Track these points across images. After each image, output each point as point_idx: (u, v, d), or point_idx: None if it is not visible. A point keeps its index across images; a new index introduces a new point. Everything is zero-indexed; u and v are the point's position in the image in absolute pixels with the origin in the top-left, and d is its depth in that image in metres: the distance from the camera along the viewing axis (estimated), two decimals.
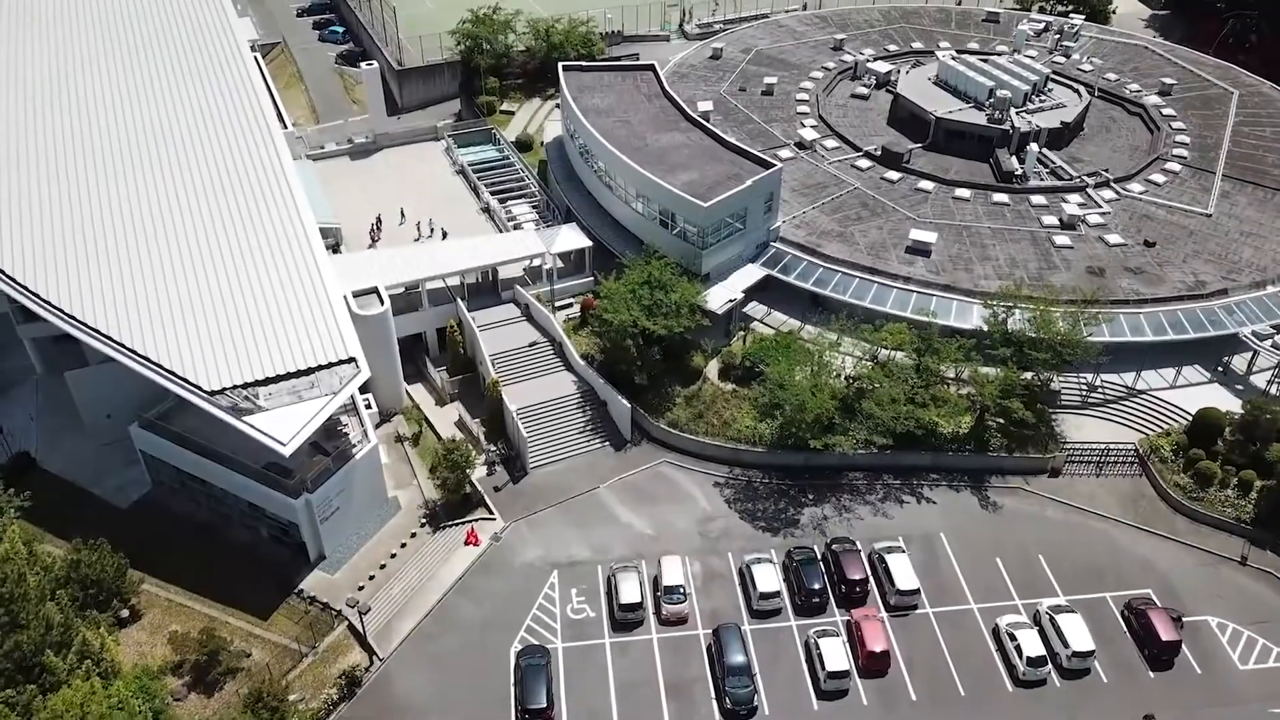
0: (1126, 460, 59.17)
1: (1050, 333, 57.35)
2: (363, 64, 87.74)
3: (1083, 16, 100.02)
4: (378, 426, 62.10)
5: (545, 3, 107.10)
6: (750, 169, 66.71)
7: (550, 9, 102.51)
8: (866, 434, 56.59)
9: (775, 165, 66.04)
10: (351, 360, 54.05)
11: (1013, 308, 59.66)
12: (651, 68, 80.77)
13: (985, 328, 60.17)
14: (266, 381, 52.56)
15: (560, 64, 79.76)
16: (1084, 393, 62.33)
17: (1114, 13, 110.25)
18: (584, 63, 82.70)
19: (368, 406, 59.52)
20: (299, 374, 53.11)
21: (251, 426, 50.57)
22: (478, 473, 59.37)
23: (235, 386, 52.06)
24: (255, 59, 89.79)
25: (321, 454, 55.81)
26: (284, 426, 50.69)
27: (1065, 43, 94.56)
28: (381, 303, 61.57)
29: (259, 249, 59.22)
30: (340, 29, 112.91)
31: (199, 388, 51.66)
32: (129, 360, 52.92)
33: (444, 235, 74.50)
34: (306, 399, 52.14)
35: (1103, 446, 59.15)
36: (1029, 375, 58.84)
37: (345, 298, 60.52)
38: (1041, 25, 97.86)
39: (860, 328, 60.63)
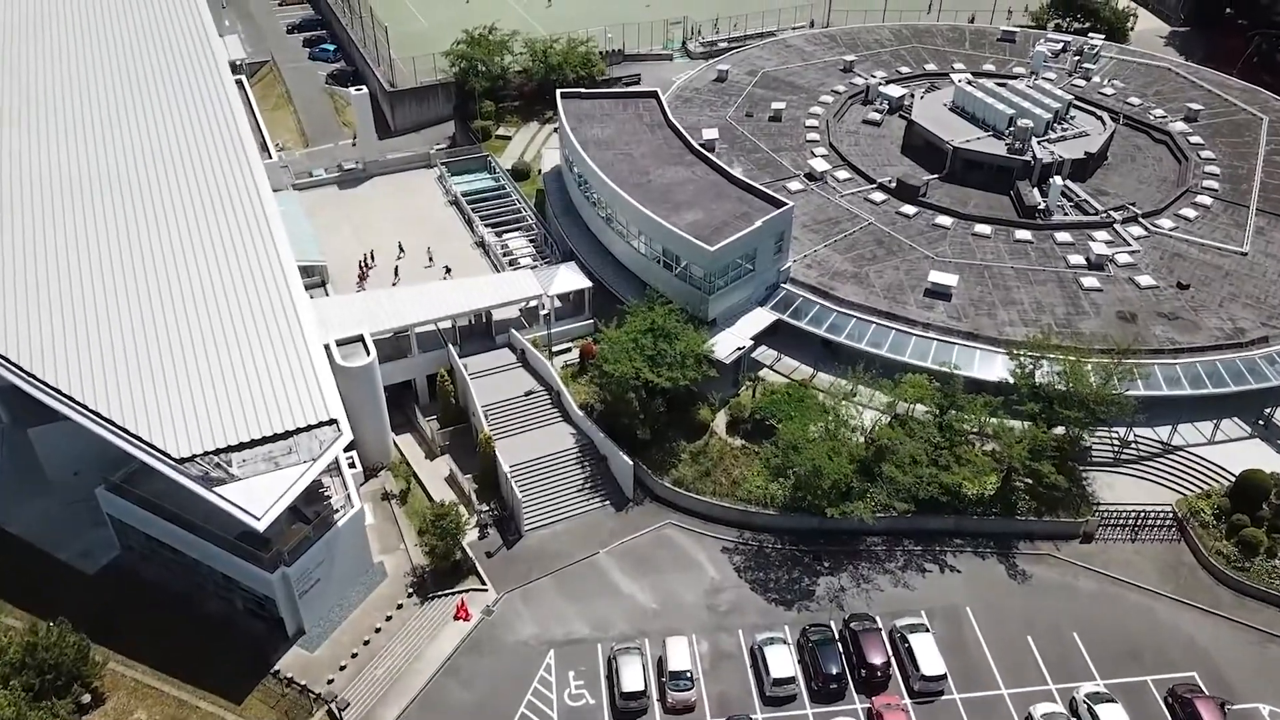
0: (1164, 524, 55.27)
1: (1083, 387, 53.47)
2: (352, 89, 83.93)
3: (1102, 36, 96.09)
4: (363, 483, 58.48)
5: (544, 20, 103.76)
6: (759, 207, 62.85)
7: (549, 27, 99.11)
8: (886, 498, 52.65)
9: (786, 204, 62.13)
10: (333, 422, 50.21)
11: (1040, 358, 55.85)
12: (654, 95, 76.92)
13: (1011, 380, 56.33)
14: (240, 447, 48.70)
15: (558, 90, 75.94)
16: (1116, 448, 58.44)
17: (1131, 30, 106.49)
18: (583, 89, 78.84)
19: (351, 465, 55.62)
20: (275, 438, 49.29)
21: (223, 498, 46.66)
22: (469, 536, 55.54)
23: (206, 453, 48.22)
24: (240, 81, 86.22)
25: (301, 521, 51.93)
26: (258, 498, 46.79)
27: (1085, 64, 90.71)
28: (368, 353, 57.71)
29: (234, 298, 55.29)
30: (331, 47, 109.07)
31: (167, 455, 47.76)
32: (90, 423, 48.98)
33: (447, 272, 70.67)
34: (283, 466, 48.25)
35: (1138, 509, 55.25)
36: (1059, 430, 54.98)
37: (328, 347, 56.87)
38: (1059, 45, 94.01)
39: (879, 381, 56.74)
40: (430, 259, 73.57)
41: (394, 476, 59.92)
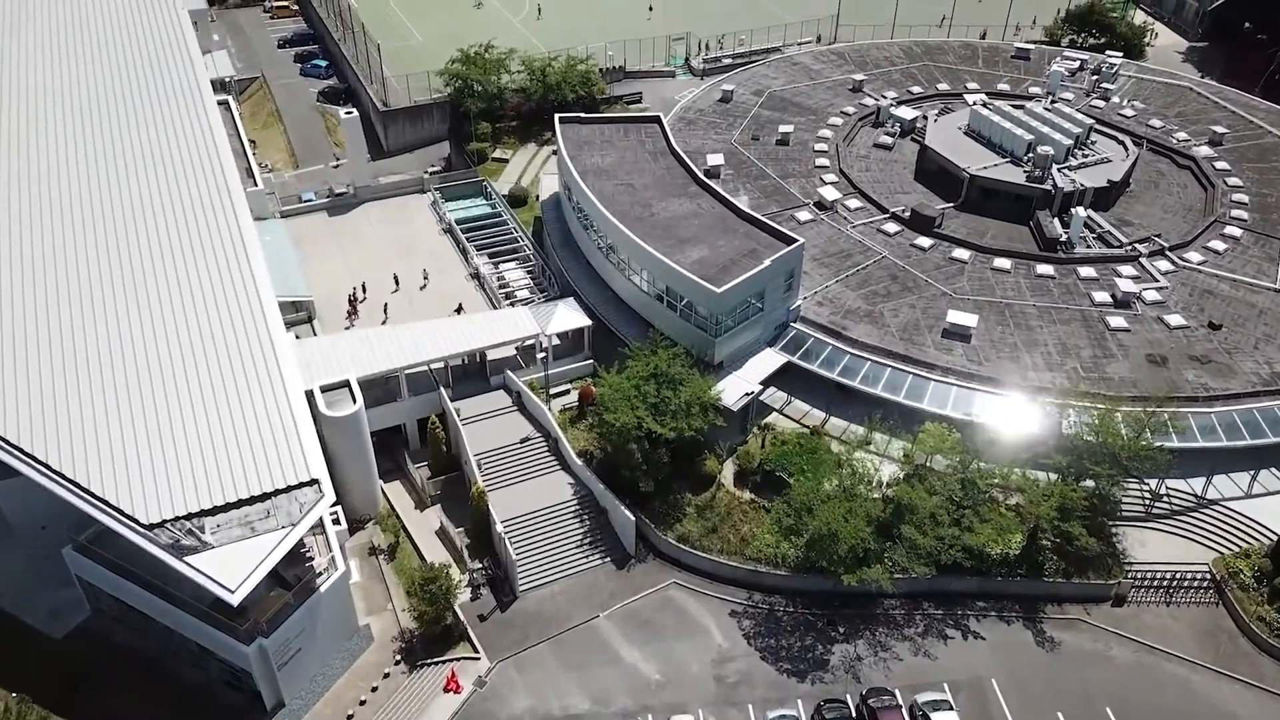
0: (1200, 586, 51.94)
1: (1114, 440, 50.12)
2: (342, 112, 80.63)
3: (1120, 54, 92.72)
4: (349, 538, 55.21)
5: (543, 36, 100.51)
6: (768, 243, 59.54)
7: (548, 42, 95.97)
8: (905, 562, 49.31)
9: (796, 241, 58.75)
10: (314, 483, 46.86)
11: (1066, 406, 52.55)
12: (657, 120, 73.60)
13: (1037, 431, 53.04)
14: (214, 510, 45.30)
15: (557, 116, 72.58)
16: (1146, 502, 55.09)
17: (1150, 46, 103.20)
18: (582, 115, 75.37)
19: (336, 522, 52.32)
20: (252, 500, 45.92)
21: (195, 569, 43.31)
22: (460, 598, 52.18)
23: (177, 518, 44.85)
24: (227, 102, 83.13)
25: (281, 586, 48.63)
26: (233, 568, 43.37)
27: (1103, 84, 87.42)
28: (354, 400, 54.44)
29: (209, 345, 51.58)
30: (323, 63, 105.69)
31: (135, 520, 44.36)
32: (51, 483, 45.48)
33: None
34: (260, 532, 44.83)
35: (1173, 571, 51.90)
36: (1089, 483, 51.57)
37: (312, 392, 53.71)
38: (1076, 64, 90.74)
39: (896, 431, 53.52)
40: (425, 279, 70.54)
41: (382, 530, 56.62)
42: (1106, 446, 50.29)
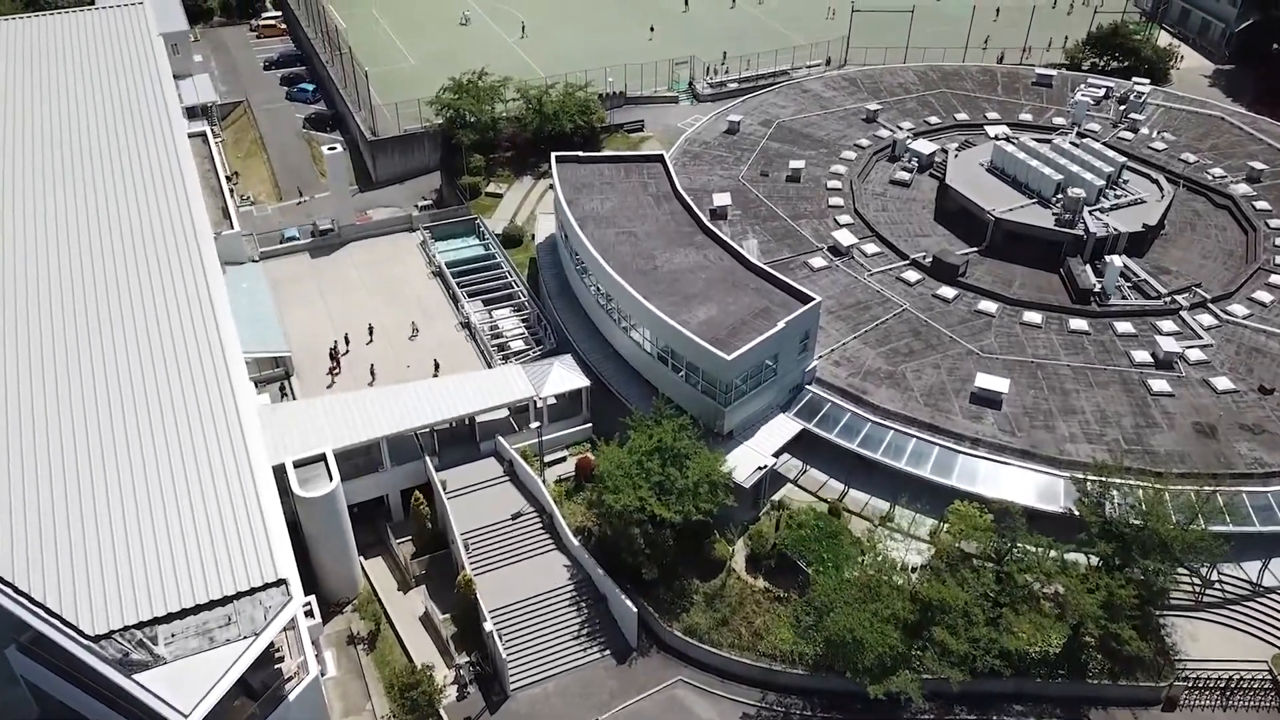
0: (1260, 688, 47.25)
1: (1165, 530, 45.39)
2: (325, 148, 75.95)
3: (1147, 80, 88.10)
4: (326, 621, 50.53)
5: (541, 59, 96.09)
6: (782, 301, 54.89)
7: (545, 67, 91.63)
8: (936, 666, 44.58)
9: (812, 299, 54.08)
10: (282, 583, 42.20)
11: (1108, 484, 47.88)
12: (660, 159, 68.88)
13: (1075, 512, 48.41)
14: (169, 618, 40.66)
15: (553, 155, 67.89)
16: (1196, 589, 50.41)
17: (1175, 69, 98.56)
18: (580, 154, 70.55)
19: (308, 614, 47.49)
20: (211, 605, 41.23)
21: (144, 688, 38.61)
22: (446, 698, 47.50)
23: (127, 628, 40.18)
24: (204, 134, 78.31)
25: (246, 693, 43.84)
26: (188, 686, 38.71)
27: (1131, 114, 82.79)
28: (330, 477, 49.78)
29: (165, 424, 46.15)
30: (310, 87, 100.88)
31: (79, 631, 39.67)
32: None
33: (436, 368, 62.40)
34: (219, 642, 40.09)
35: (1230, 671, 47.19)
36: (1135, 571, 46.86)
37: (285, 466, 49.19)
38: (1101, 92, 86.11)
39: (924, 510, 48.94)
40: (415, 330, 66.01)
41: (361, 616, 51.88)
42: (1156, 534, 45.59)
